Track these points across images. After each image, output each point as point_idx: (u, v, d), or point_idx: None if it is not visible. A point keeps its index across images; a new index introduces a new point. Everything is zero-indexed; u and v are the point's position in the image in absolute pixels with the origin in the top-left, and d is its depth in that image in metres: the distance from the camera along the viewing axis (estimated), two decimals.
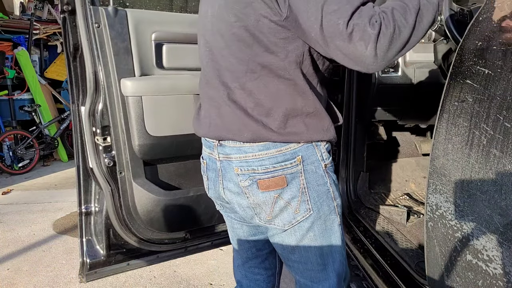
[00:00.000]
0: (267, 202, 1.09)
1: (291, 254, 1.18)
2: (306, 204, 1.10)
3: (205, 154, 1.19)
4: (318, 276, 1.20)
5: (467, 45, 1.01)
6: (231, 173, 1.10)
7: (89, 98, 1.54)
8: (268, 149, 1.05)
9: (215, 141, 1.11)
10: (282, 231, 1.13)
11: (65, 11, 1.50)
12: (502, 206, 0.90)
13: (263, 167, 1.05)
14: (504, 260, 0.90)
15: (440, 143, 1.08)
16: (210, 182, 1.19)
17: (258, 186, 1.07)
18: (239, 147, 1.07)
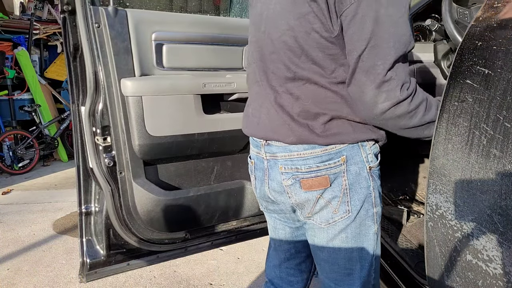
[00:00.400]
0: (309, 201, 1.10)
1: (320, 251, 1.19)
2: (346, 206, 1.09)
3: (253, 153, 1.21)
4: (343, 280, 1.19)
5: (467, 45, 1.01)
6: (276, 171, 1.12)
7: (89, 98, 1.54)
8: (313, 149, 1.05)
9: (263, 140, 1.14)
10: (318, 227, 1.15)
11: (65, 11, 1.50)
12: (502, 206, 0.90)
13: (306, 166, 1.06)
14: (504, 260, 0.90)
15: (440, 143, 1.08)
16: (257, 182, 1.21)
17: (301, 185, 1.08)
18: (285, 146, 1.09)
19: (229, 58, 1.78)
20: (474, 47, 0.97)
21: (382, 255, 1.80)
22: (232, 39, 1.76)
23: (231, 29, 1.77)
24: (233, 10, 3.30)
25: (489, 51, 0.94)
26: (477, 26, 0.97)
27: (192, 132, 1.66)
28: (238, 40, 1.77)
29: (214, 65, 1.75)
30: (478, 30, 0.97)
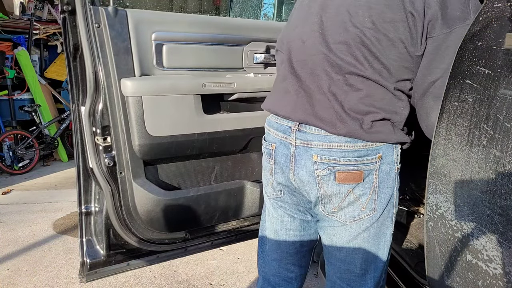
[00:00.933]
0: (339, 194, 1.09)
1: (338, 251, 1.18)
2: (373, 204, 1.11)
3: (275, 137, 1.17)
4: (356, 281, 1.20)
5: (467, 45, 1.01)
6: (307, 160, 1.09)
7: (89, 98, 1.54)
8: (355, 142, 1.05)
9: (294, 125, 1.10)
10: (341, 225, 1.14)
11: (65, 11, 1.50)
12: (502, 206, 0.90)
13: (345, 158, 1.06)
14: (504, 260, 0.90)
15: (440, 143, 1.08)
16: (277, 166, 1.17)
17: (335, 177, 1.07)
18: (324, 134, 1.06)
19: (229, 58, 1.78)
20: (474, 47, 0.97)
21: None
22: (232, 39, 1.76)
23: (231, 29, 1.76)
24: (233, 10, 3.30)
25: (489, 51, 0.94)
26: (477, 26, 0.97)
27: (192, 132, 1.66)
28: (238, 40, 1.77)
29: (214, 65, 1.75)
30: (478, 30, 0.97)
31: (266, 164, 1.23)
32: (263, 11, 3.33)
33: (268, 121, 1.23)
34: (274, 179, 1.21)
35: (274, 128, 1.18)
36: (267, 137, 1.22)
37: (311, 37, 1.10)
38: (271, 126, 1.19)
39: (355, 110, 1.05)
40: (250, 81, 1.78)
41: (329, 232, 1.19)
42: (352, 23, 1.02)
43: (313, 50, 1.09)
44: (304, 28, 1.12)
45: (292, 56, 1.15)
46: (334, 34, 1.05)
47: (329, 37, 1.06)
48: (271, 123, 1.20)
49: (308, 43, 1.10)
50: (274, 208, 1.29)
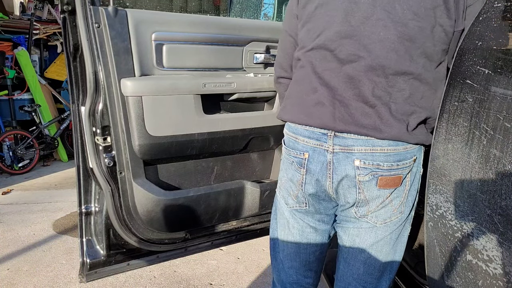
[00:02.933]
0: (378, 199, 1.09)
1: (360, 253, 1.17)
2: (402, 206, 1.12)
3: (307, 145, 1.12)
4: (372, 282, 1.20)
5: (467, 45, 1.01)
6: (347, 165, 1.06)
7: (89, 98, 1.54)
8: (397, 145, 1.04)
9: (330, 131, 1.07)
10: (370, 226, 1.13)
11: (65, 11, 1.50)
12: (502, 206, 0.90)
13: (388, 163, 1.05)
14: (504, 260, 0.90)
15: (440, 143, 1.08)
16: (309, 176, 1.12)
17: (377, 182, 1.06)
18: (366, 139, 1.04)
19: (229, 58, 1.77)
20: (474, 47, 0.97)
21: None
22: (232, 39, 1.76)
23: (231, 29, 1.76)
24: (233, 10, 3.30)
25: (489, 51, 0.94)
26: (477, 26, 0.97)
27: (192, 132, 1.66)
28: (238, 40, 1.77)
29: (214, 65, 1.75)
30: (478, 30, 0.97)
31: (294, 173, 1.16)
32: (263, 11, 3.33)
33: (293, 128, 1.16)
34: (301, 190, 1.16)
35: (304, 135, 1.13)
36: (295, 146, 1.15)
37: (342, 44, 1.06)
38: (300, 134, 1.13)
39: (401, 111, 1.04)
40: (250, 81, 1.78)
41: (353, 233, 1.18)
42: (391, 19, 1.00)
43: (348, 56, 1.05)
44: (328, 35, 1.08)
45: (318, 66, 1.11)
46: (371, 35, 1.03)
47: (365, 39, 1.03)
48: (298, 130, 1.14)
49: (340, 51, 1.06)
50: (295, 219, 1.25)
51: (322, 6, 1.10)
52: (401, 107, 1.04)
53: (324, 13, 1.09)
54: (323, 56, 1.09)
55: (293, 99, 1.18)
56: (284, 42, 1.31)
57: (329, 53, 1.08)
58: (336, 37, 1.06)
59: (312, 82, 1.12)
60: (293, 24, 1.24)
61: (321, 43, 1.09)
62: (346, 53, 1.05)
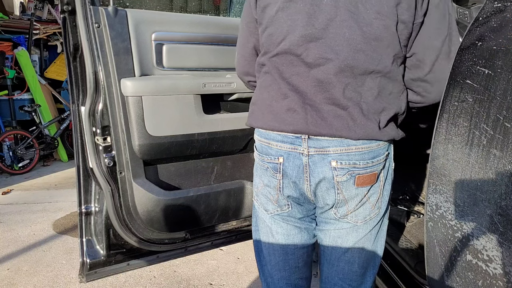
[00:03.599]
0: (356, 198, 1.09)
1: (343, 253, 1.18)
2: (379, 202, 1.14)
3: (281, 150, 1.10)
4: (357, 280, 1.21)
5: (467, 45, 1.01)
6: (324, 167, 1.06)
7: (89, 98, 1.54)
8: (370, 143, 1.05)
9: (303, 134, 1.06)
10: (350, 226, 1.14)
11: (65, 11, 1.50)
12: (502, 206, 0.90)
13: (364, 161, 1.06)
14: (504, 260, 0.90)
15: (440, 143, 1.08)
16: (286, 180, 1.11)
17: (355, 181, 1.06)
18: (341, 139, 1.04)
19: (229, 58, 1.78)
20: (474, 47, 0.97)
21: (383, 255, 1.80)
22: (232, 39, 1.76)
23: (231, 29, 1.76)
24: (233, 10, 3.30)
25: (489, 51, 0.94)
26: (477, 26, 0.97)
27: (192, 132, 1.66)
28: None
29: (214, 65, 1.75)
30: (478, 30, 0.97)
31: (271, 179, 1.15)
32: None
33: (264, 134, 1.14)
34: (280, 194, 1.15)
35: (277, 140, 1.11)
36: (268, 151, 1.13)
37: (308, 48, 1.04)
38: (273, 139, 1.11)
39: (372, 110, 1.04)
40: None
41: (334, 235, 1.17)
42: (355, 19, 1.00)
43: (315, 60, 1.04)
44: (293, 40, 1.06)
45: (285, 72, 1.09)
46: (337, 36, 1.01)
47: (332, 41, 1.02)
48: (271, 135, 1.12)
49: (307, 55, 1.05)
50: (278, 224, 1.22)
51: (283, 10, 1.06)
52: (372, 106, 1.04)
53: (286, 17, 1.06)
54: (289, 61, 1.07)
55: (261, 106, 1.15)
56: (245, 48, 1.27)
57: (296, 57, 1.06)
58: (302, 41, 1.04)
59: (281, 88, 1.09)
60: (252, 28, 1.21)
61: (287, 48, 1.07)
62: (314, 56, 1.04)
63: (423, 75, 1.09)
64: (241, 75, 1.37)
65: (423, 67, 1.08)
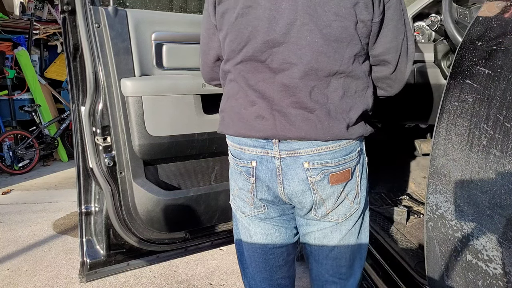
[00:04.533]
0: (333, 196, 1.11)
1: (330, 251, 1.20)
2: (358, 197, 1.16)
3: (253, 154, 1.11)
4: (346, 272, 1.24)
5: (467, 45, 1.01)
6: (297, 169, 1.07)
7: (89, 98, 1.54)
8: (340, 141, 1.07)
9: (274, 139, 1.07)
10: (333, 225, 1.16)
11: (65, 11, 1.50)
12: (502, 206, 0.90)
13: (335, 159, 1.07)
14: (504, 260, 0.90)
15: (440, 143, 1.08)
16: (259, 184, 1.12)
17: (329, 180, 1.08)
18: (311, 141, 1.05)
19: None
20: (474, 47, 0.97)
21: (382, 255, 1.80)
22: None
23: None
24: None
25: (489, 51, 0.94)
26: (477, 26, 0.97)
27: (192, 132, 1.66)
28: None
29: None
30: (478, 30, 0.97)
31: (244, 183, 1.16)
32: None
33: (237, 139, 1.15)
34: (255, 197, 1.16)
35: (248, 145, 1.11)
36: (241, 156, 1.14)
37: (272, 53, 1.04)
38: (245, 144, 1.12)
39: (340, 110, 1.05)
40: None
41: (319, 236, 1.19)
42: (314, 22, 1.00)
43: (280, 65, 1.04)
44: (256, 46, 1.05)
45: (250, 79, 1.08)
46: (299, 40, 1.01)
47: (294, 46, 1.02)
48: (242, 141, 1.12)
49: (272, 60, 1.04)
50: (256, 224, 1.23)
51: (243, 16, 1.05)
52: (339, 106, 1.05)
53: (246, 23, 1.05)
54: (254, 68, 1.07)
55: (230, 114, 1.15)
56: (207, 56, 1.26)
57: (260, 64, 1.06)
58: (265, 47, 1.04)
59: (248, 95, 1.09)
60: (211, 35, 1.20)
61: (250, 54, 1.06)
62: (278, 62, 1.03)
63: (389, 73, 1.13)
64: (207, 81, 1.37)
65: (388, 66, 1.12)
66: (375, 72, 1.15)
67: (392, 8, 1.05)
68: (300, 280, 2.47)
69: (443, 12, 1.49)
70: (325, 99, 1.04)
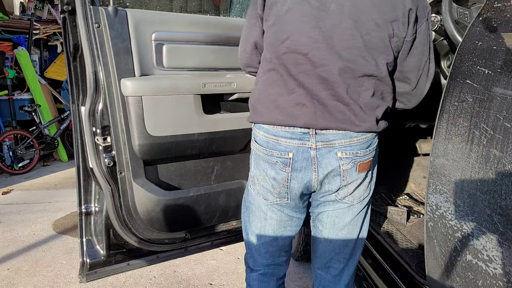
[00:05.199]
0: (356, 182, 1.26)
1: (340, 230, 1.34)
2: (371, 184, 1.33)
3: (290, 145, 1.20)
4: (349, 252, 1.39)
5: (467, 45, 1.01)
6: (331, 158, 1.20)
7: (89, 98, 1.54)
8: (367, 134, 1.22)
9: (311, 130, 1.18)
10: (347, 206, 1.30)
11: (65, 11, 1.50)
12: (502, 206, 0.90)
13: (363, 150, 1.22)
14: (504, 260, 0.90)
15: (440, 143, 1.08)
16: (294, 173, 1.22)
17: (357, 168, 1.23)
18: (344, 132, 1.18)
19: (229, 58, 1.77)
20: (474, 47, 0.97)
21: (382, 255, 1.81)
22: (232, 39, 1.76)
23: (231, 29, 1.76)
24: (233, 10, 3.30)
25: (489, 51, 0.94)
26: (477, 26, 0.97)
27: (192, 132, 1.66)
28: (238, 40, 1.77)
29: (214, 65, 1.75)
30: (478, 30, 0.97)
31: (279, 172, 1.24)
32: None
33: (272, 131, 1.22)
34: (285, 187, 1.25)
35: (285, 137, 1.20)
36: (277, 147, 1.22)
37: (314, 48, 1.14)
38: (281, 136, 1.20)
39: (369, 107, 1.19)
40: (250, 81, 1.78)
41: (332, 215, 1.32)
42: (357, 28, 1.12)
43: (321, 60, 1.14)
44: (300, 40, 1.15)
45: (292, 69, 1.17)
46: (341, 41, 1.13)
47: (336, 45, 1.13)
48: (279, 132, 1.21)
49: (313, 54, 1.14)
50: (273, 211, 1.34)
51: (292, 11, 1.16)
52: (368, 104, 1.19)
53: (293, 17, 1.16)
54: (295, 60, 1.17)
55: (266, 103, 1.24)
56: (246, 43, 1.37)
57: (302, 56, 1.16)
58: (309, 41, 1.14)
59: (287, 84, 1.19)
60: (253, 25, 1.30)
61: (294, 47, 1.16)
62: (319, 56, 1.14)
63: (410, 90, 1.29)
64: (243, 67, 1.48)
65: (410, 83, 1.27)
66: (398, 88, 1.30)
67: (422, 33, 1.19)
68: (300, 280, 2.47)
69: (443, 12, 1.49)
70: (357, 96, 1.17)
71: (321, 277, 1.46)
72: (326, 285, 1.45)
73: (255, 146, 1.30)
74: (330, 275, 1.43)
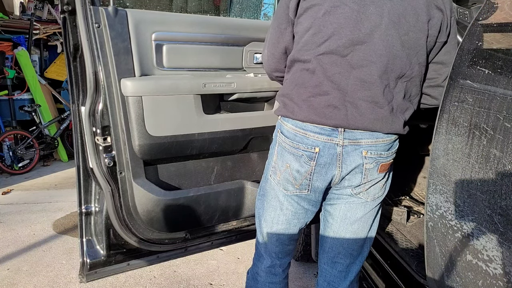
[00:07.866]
0: (374, 181, 1.28)
1: (351, 225, 1.36)
2: (387, 183, 1.34)
3: (317, 140, 1.22)
4: (358, 250, 1.41)
5: (467, 45, 1.01)
6: (356, 156, 1.22)
7: (89, 98, 1.54)
8: (392, 136, 1.24)
9: (341, 128, 1.20)
10: (361, 202, 1.32)
11: (65, 11, 1.50)
12: (502, 206, 0.90)
13: (386, 152, 1.25)
14: (504, 260, 0.90)
15: (440, 143, 1.08)
16: (318, 168, 1.24)
17: (378, 168, 1.25)
18: (371, 132, 1.21)
19: (229, 58, 1.77)
20: (474, 47, 0.97)
21: (382, 255, 1.80)
22: (232, 39, 1.76)
23: (231, 29, 1.76)
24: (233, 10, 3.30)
25: (489, 51, 0.94)
26: (477, 26, 0.97)
27: (192, 132, 1.66)
28: (238, 40, 1.77)
29: (214, 65, 1.75)
30: (478, 30, 0.97)
31: (303, 165, 1.25)
32: (263, 11, 3.32)
33: (300, 124, 1.24)
34: (307, 180, 1.27)
35: (314, 132, 1.22)
36: (304, 140, 1.24)
37: (355, 50, 1.17)
38: (310, 130, 1.23)
39: (400, 109, 1.21)
40: (250, 81, 1.78)
41: (344, 208, 1.35)
42: (396, 29, 1.15)
43: (360, 61, 1.17)
44: (340, 42, 1.17)
45: (328, 70, 1.19)
46: (380, 42, 1.15)
47: (376, 46, 1.16)
48: (308, 127, 1.23)
49: (352, 56, 1.17)
50: (290, 203, 1.36)
51: (330, 14, 1.18)
52: (400, 106, 1.22)
53: (332, 20, 1.18)
54: (333, 61, 1.19)
55: (297, 100, 1.25)
56: (276, 48, 1.36)
57: (340, 58, 1.18)
58: (348, 43, 1.17)
59: (322, 85, 1.20)
60: (283, 29, 1.31)
61: (333, 48, 1.18)
62: (359, 58, 1.17)
63: (441, 82, 1.29)
64: (270, 72, 1.48)
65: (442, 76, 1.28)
66: (429, 82, 1.31)
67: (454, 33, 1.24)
68: (300, 280, 2.47)
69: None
70: (391, 97, 1.20)
71: (326, 272, 1.47)
72: (332, 280, 1.46)
73: (281, 138, 1.31)
74: (336, 270, 1.44)
